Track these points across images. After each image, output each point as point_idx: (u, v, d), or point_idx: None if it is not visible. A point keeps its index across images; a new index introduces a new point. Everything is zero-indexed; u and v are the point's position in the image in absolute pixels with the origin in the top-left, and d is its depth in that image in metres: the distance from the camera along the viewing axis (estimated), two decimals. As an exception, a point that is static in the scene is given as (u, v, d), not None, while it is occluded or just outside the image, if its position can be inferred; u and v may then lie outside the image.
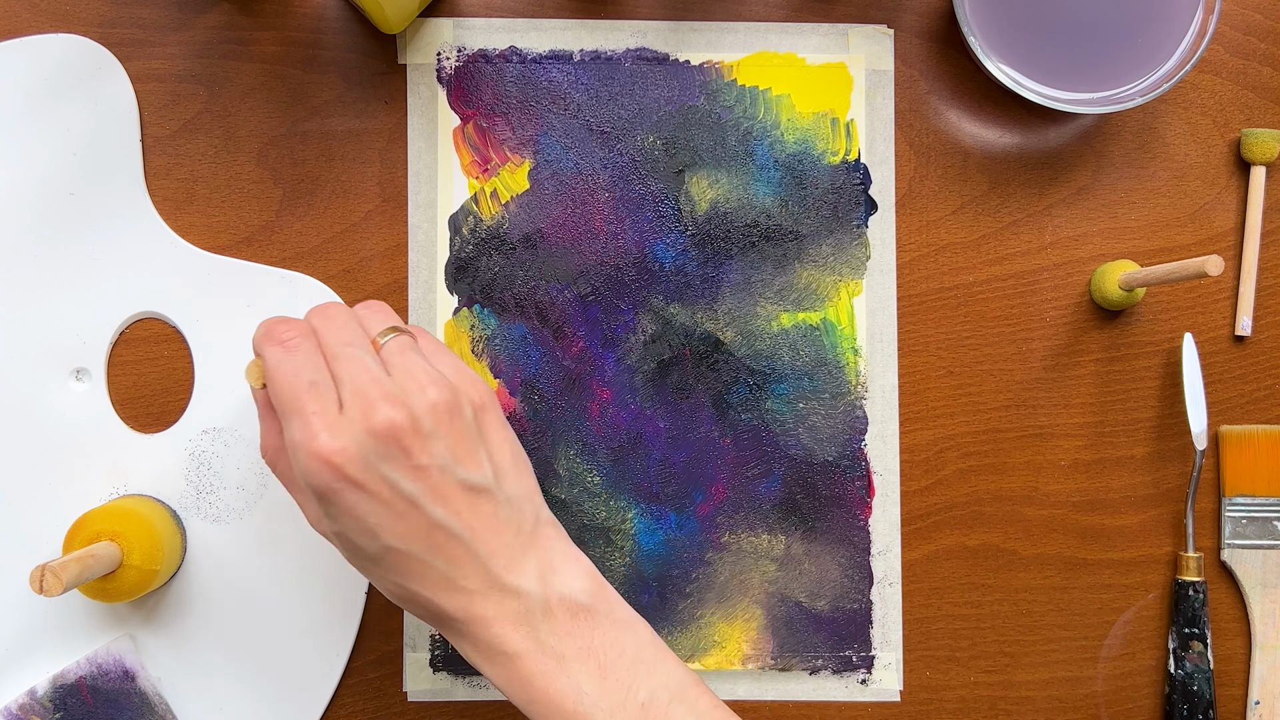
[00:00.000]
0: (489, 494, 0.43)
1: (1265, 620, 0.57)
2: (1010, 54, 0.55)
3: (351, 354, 0.43)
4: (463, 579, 0.43)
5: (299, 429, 0.41)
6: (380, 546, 0.42)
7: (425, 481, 0.42)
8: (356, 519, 0.41)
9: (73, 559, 0.48)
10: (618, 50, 0.58)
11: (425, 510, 0.42)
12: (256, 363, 0.46)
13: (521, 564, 0.43)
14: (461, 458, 0.43)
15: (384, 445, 0.41)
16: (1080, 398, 0.58)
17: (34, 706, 0.55)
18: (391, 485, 0.41)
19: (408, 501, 0.41)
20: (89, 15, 0.57)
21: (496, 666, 0.43)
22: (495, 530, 0.43)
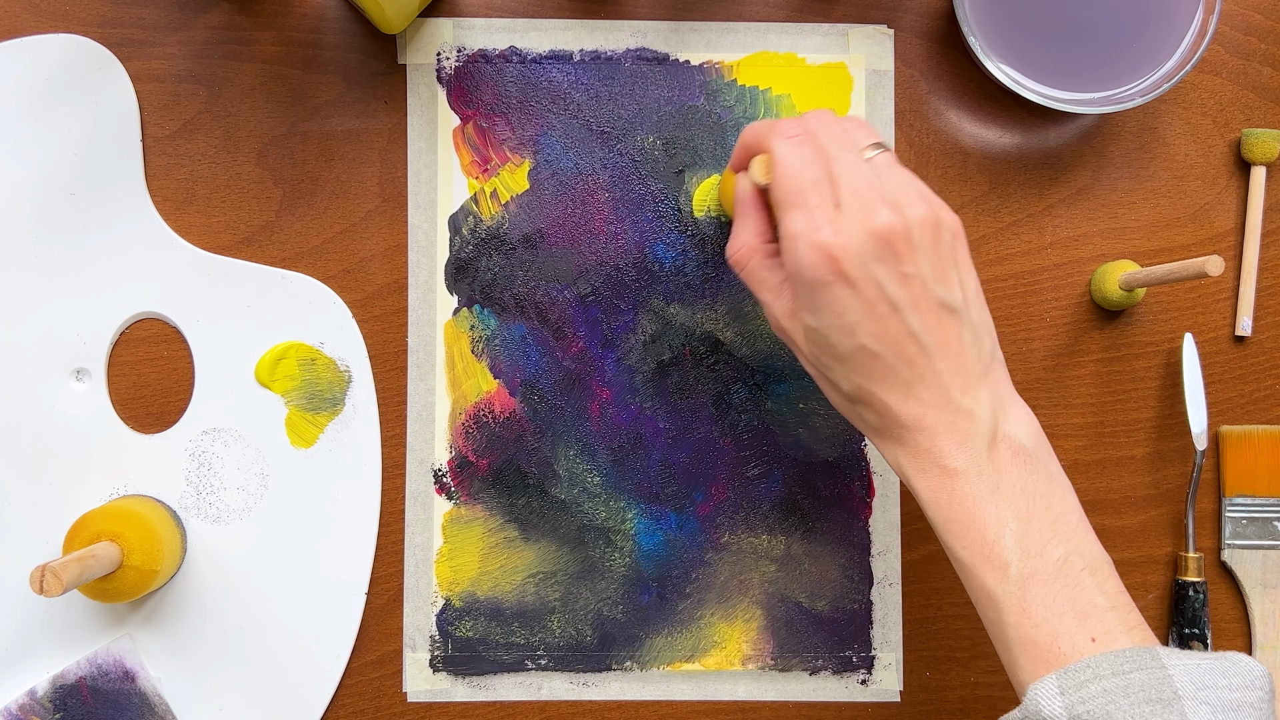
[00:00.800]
0: (958, 316, 0.44)
1: (1265, 620, 0.57)
2: (1010, 54, 0.55)
3: (850, 158, 0.45)
4: (922, 389, 0.44)
5: (803, 220, 0.44)
6: (854, 345, 0.44)
7: (908, 289, 0.43)
8: (839, 315, 0.44)
9: (73, 559, 0.48)
10: (618, 50, 0.58)
11: (904, 317, 0.43)
12: (764, 159, 0.47)
13: (976, 390, 0.44)
14: (939, 276, 0.44)
15: (879, 246, 0.43)
16: (1080, 398, 0.58)
17: (34, 707, 0.55)
18: (879, 287, 0.43)
19: (890, 305, 0.43)
20: (89, 15, 0.57)
21: (929, 479, 0.44)
22: (958, 352, 0.44)
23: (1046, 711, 0.40)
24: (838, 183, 0.44)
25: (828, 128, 0.47)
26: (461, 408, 0.57)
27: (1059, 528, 0.43)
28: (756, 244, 0.48)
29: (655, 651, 0.57)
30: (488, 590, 0.57)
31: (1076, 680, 0.40)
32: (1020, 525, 0.43)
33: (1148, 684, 0.39)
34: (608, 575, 0.57)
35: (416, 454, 0.57)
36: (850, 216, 0.43)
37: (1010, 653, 0.43)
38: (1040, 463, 0.45)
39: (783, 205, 0.45)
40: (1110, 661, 0.40)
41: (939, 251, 0.44)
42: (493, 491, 0.57)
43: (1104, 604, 0.42)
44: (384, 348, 0.57)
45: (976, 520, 0.43)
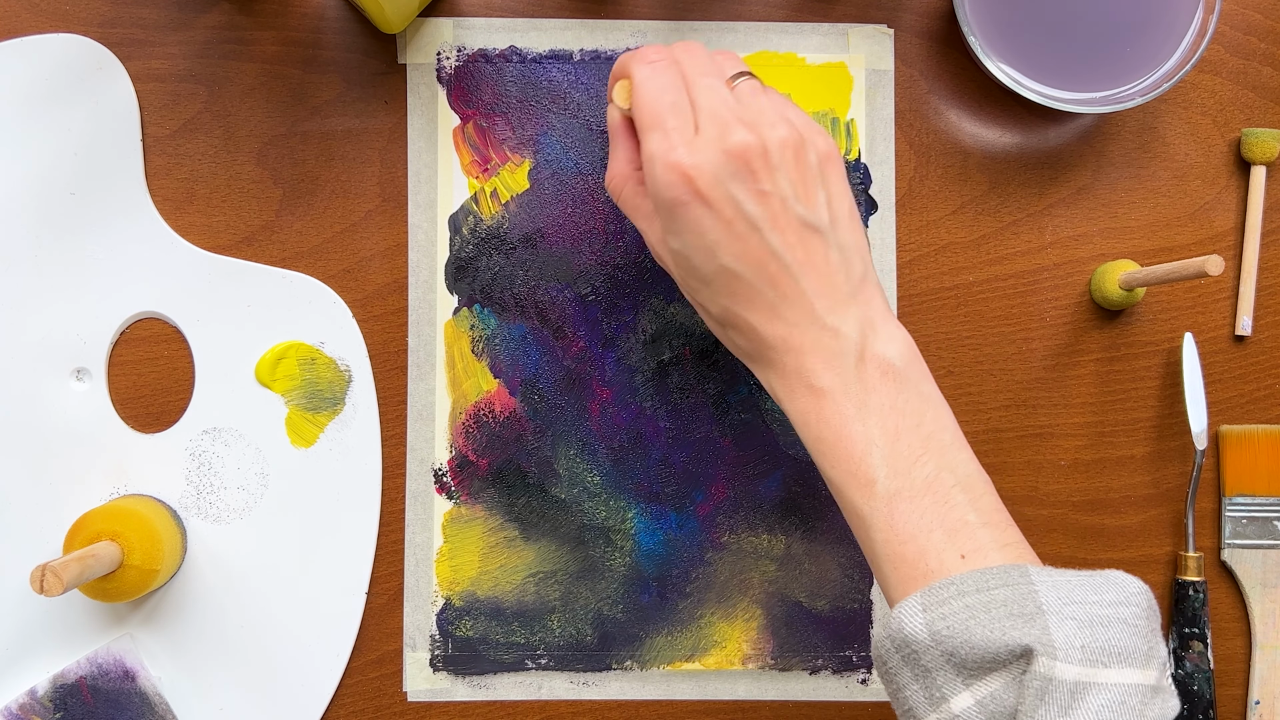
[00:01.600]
0: (822, 236, 0.45)
1: (1265, 620, 0.57)
2: (1010, 54, 0.55)
3: (710, 84, 0.46)
4: (786, 309, 0.44)
5: (658, 141, 0.44)
6: (716, 266, 0.44)
7: (766, 207, 0.44)
8: (699, 235, 0.44)
9: (73, 559, 0.48)
10: (618, 50, 0.58)
11: (763, 235, 0.44)
12: (624, 84, 0.48)
13: (843, 310, 0.45)
14: (801, 196, 0.45)
15: (734, 164, 0.43)
16: (1080, 397, 0.58)
17: (34, 706, 0.55)
18: (735, 205, 0.43)
19: (748, 223, 0.44)
20: (89, 15, 0.57)
21: (798, 400, 0.45)
22: (824, 272, 0.45)
23: (909, 629, 0.40)
24: (697, 106, 0.45)
25: (691, 55, 0.47)
26: (462, 407, 0.57)
27: (929, 445, 0.43)
28: (628, 171, 0.49)
29: (655, 651, 0.57)
30: (488, 590, 0.57)
31: (939, 597, 0.40)
32: (888, 442, 0.43)
33: (1011, 599, 0.39)
34: (608, 575, 0.57)
35: (416, 454, 0.57)
36: (707, 136, 0.44)
37: (881, 572, 0.43)
38: (911, 381, 0.45)
39: (642, 128, 0.46)
40: (975, 579, 0.40)
41: (801, 171, 0.45)
42: (493, 491, 0.57)
43: (975, 520, 0.42)
44: (384, 347, 0.57)
45: (844, 438, 0.43)
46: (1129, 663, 0.38)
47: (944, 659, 0.39)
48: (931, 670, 0.40)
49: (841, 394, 0.44)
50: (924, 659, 0.40)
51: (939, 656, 0.39)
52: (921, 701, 0.40)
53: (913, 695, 0.40)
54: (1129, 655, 0.38)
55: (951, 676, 0.39)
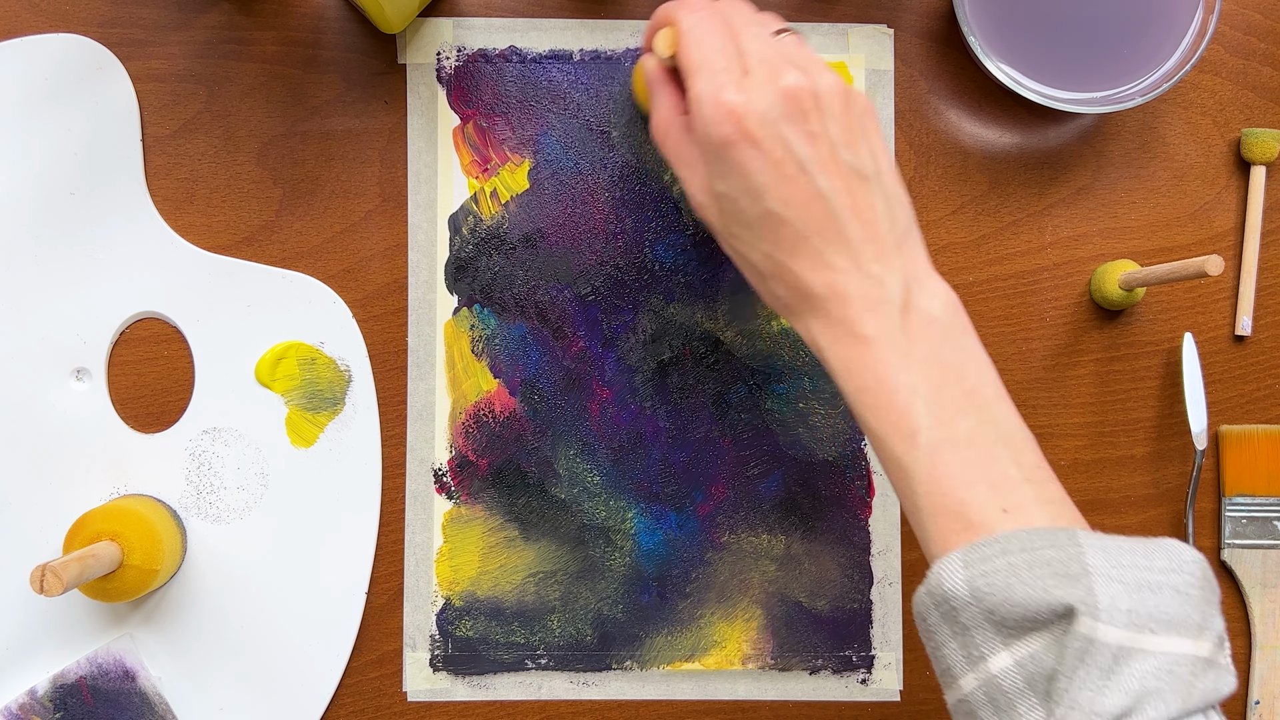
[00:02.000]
0: (869, 183, 0.44)
1: (1265, 620, 0.57)
2: (1010, 54, 0.55)
3: (757, 31, 0.46)
4: (832, 256, 0.43)
5: (707, 81, 0.44)
6: (761, 209, 0.44)
7: (816, 149, 0.43)
8: (746, 176, 0.43)
9: (73, 559, 0.48)
10: (618, 50, 0.58)
11: (812, 177, 0.43)
12: (666, 32, 0.47)
13: (889, 260, 0.44)
14: (849, 142, 0.44)
15: (785, 105, 0.43)
16: (1080, 398, 0.58)
17: (34, 706, 0.55)
18: (785, 145, 0.43)
19: (798, 165, 0.43)
20: (89, 15, 0.57)
21: (841, 347, 0.44)
22: (870, 220, 0.44)
23: (948, 585, 0.39)
24: (745, 51, 0.45)
25: (737, 7, 0.47)
26: (461, 407, 0.57)
27: (973, 398, 0.43)
28: (673, 116, 0.48)
29: (655, 651, 0.57)
30: (488, 590, 0.57)
31: (982, 554, 0.39)
32: (931, 393, 0.42)
33: (1056, 560, 0.38)
34: (608, 575, 0.57)
35: (416, 454, 0.57)
36: (757, 78, 0.44)
37: (921, 524, 0.42)
38: (954, 334, 0.44)
39: (689, 71, 0.45)
40: (1021, 538, 0.39)
41: (849, 119, 0.44)
42: (493, 491, 0.57)
43: (1018, 475, 0.41)
44: (384, 347, 0.57)
45: (886, 387, 0.43)
46: (1179, 631, 0.37)
47: (983, 617, 0.38)
48: (970, 628, 0.39)
49: (886, 343, 0.43)
50: (963, 616, 0.39)
51: (978, 614, 0.38)
52: (959, 660, 0.39)
53: (950, 654, 0.40)
54: (1179, 624, 0.37)
55: (990, 635, 0.38)
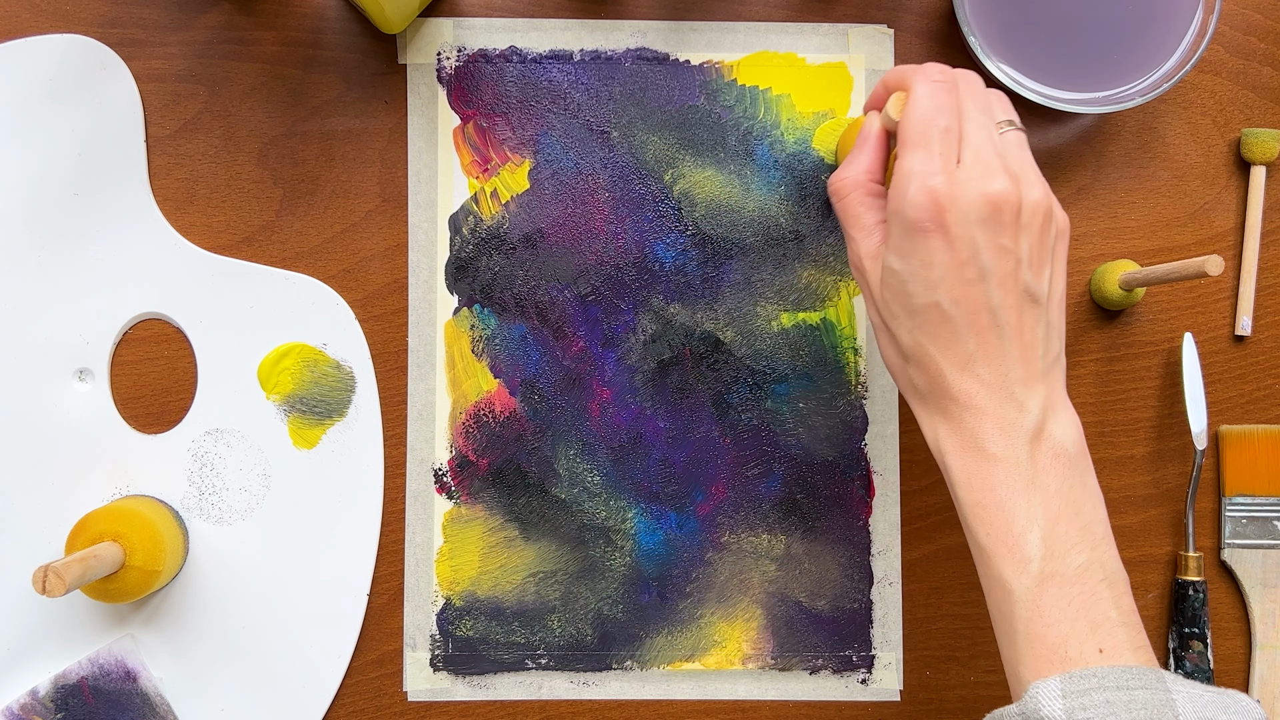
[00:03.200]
0: (1039, 308, 0.44)
1: (1265, 620, 0.57)
2: (1010, 54, 0.55)
3: (984, 120, 0.45)
4: (982, 367, 0.44)
5: (922, 161, 0.44)
6: (930, 300, 0.44)
7: (1002, 263, 0.43)
8: (927, 265, 0.43)
9: (75, 560, 0.48)
10: (618, 50, 0.58)
11: (988, 288, 0.43)
12: (900, 96, 0.47)
13: (1034, 385, 0.44)
14: (1034, 262, 0.44)
15: (989, 211, 0.43)
16: (1080, 397, 0.58)
17: (36, 706, 0.55)
18: (974, 249, 0.43)
19: (979, 271, 0.43)
20: (89, 15, 0.57)
21: (967, 459, 0.44)
22: (1029, 344, 0.44)
23: (1045, 711, 0.40)
24: (966, 139, 0.44)
25: (972, 87, 0.46)
26: (462, 407, 0.57)
27: (1086, 535, 0.43)
28: (863, 179, 0.48)
29: (655, 651, 0.57)
30: (488, 590, 0.57)
31: (1081, 686, 0.40)
32: (1048, 524, 0.43)
33: (1150, 703, 0.39)
34: (608, 575, 0.57)
35: (417, 453, 0.57)
36: (970, 173, 0.43)
37: (1015, 648, 0.43)
38: (1079, 470, 0.44)
39: (906, 143, 0.45)
40: (1116, 675, 0.40)
41: (1042, 240, 0.44)
42: (493, 491, 0.57)
43: (1116, 618, 0.42)
44: (384, 348, 0.57)
45: (1005, 509, 0.43)
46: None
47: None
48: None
49: (1011, 465, 0.43)
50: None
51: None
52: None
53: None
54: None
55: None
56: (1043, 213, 0.44)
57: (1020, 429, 0.44)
